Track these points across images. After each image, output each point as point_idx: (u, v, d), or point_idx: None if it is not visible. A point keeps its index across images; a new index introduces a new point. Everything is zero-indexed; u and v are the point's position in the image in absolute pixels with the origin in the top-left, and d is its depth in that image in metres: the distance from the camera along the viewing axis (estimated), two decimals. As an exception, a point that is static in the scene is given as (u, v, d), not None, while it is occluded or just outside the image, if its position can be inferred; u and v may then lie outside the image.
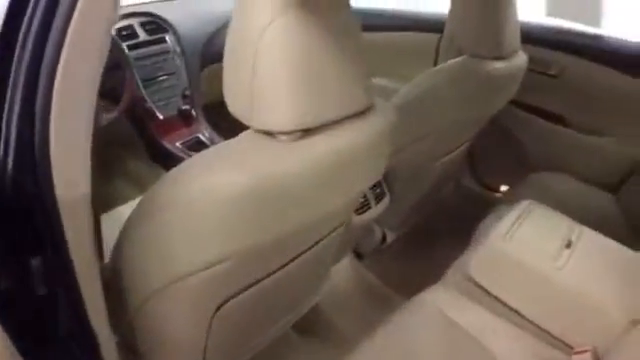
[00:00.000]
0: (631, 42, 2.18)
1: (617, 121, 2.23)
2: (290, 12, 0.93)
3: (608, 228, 1.72)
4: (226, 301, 1.17)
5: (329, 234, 1.38)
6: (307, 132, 1.02)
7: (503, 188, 2.56)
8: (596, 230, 1.64)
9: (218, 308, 1.16)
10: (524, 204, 1.69)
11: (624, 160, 2.24)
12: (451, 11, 2.38)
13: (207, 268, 1.01)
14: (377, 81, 2.47)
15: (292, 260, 1.29)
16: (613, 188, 2.26)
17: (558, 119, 2.35)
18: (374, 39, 2.61)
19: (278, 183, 0.98)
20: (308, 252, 1.32)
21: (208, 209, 0.94)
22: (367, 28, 1.31)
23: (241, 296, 1.19)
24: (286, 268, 1.28)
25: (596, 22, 2.30)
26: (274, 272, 1.25)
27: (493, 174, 2.59)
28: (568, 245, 1.53)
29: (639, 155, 2.22)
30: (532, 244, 1.52)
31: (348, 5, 1.04)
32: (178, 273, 1.01)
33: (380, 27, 2.64)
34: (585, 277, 1.43)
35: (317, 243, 1.35)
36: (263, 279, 1.23)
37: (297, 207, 1.07)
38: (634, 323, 1.29)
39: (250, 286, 1.20)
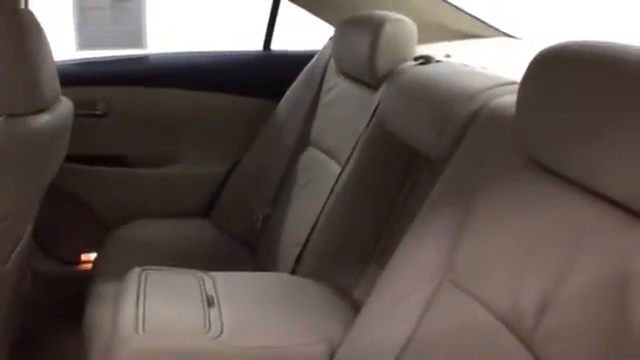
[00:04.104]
0: (179, 54, 2.19)
1: (183, 144, 2.17)
2: None
3: (218, 257, 1.71)
4: None
5: None
6: None
7: (85, 257, 2.25)
8: (206, 263, 1.52)
9: None
10: (133, 276, 1.40)
11: (205, 182, 2.17)
12: None
13: None
14: None
15: None
16: (206, 213, 2.17)
17: (120, 161, 2.16)
18: None
19: None
20: None
21: None
22: None
23: None
24: None
25: (140, 43, 2.14)
26: None
27: (68, 245, 2.25)
28: (210, 303, 1.31)
29: (218, 173, 2.17)
30: (171, 322, 1.25)
31: None
32: None
33: None
34: (248, 327, 1.26)
35: None
36: None
37: None
38: (332, 352, 1.20)
39: None
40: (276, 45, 2.26)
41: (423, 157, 1.37)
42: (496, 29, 2.07)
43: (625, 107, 0.74)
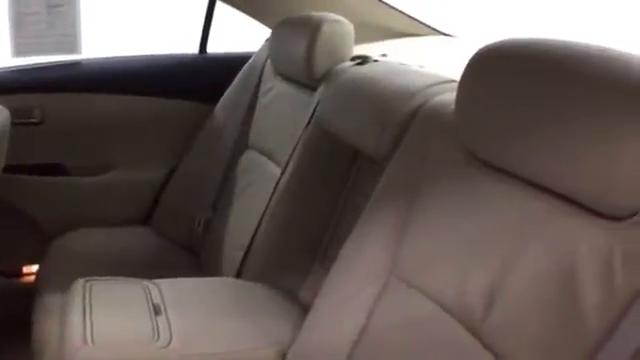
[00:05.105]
0: (114, 59, 2.16)
1: (121, 150, 2.13)
2: None
3: (161, 264, 1.70)
4: None
5: None
6: None
7: (27, 269, 2.19)
8: (150, 270, 1.52)
9: None
10: (77, 287, 1.35)
11: (144, 188, 2.14)
12: None
13: None
14: None
15: None
16: (146, 220, 2.13)
17: (58, 169, 2.11)
18: None
19: None
20: None
21: None
22: None
23: None
24: None
25: (74, 49, 2.07)
26: None
27: (8, 258, 2.16)
28: (157, 311, 1.28)
29: (156, 178, 2.15)
30: (119, 332, 1.22)
31: None
32: None
33: None
34: (198, 334, 1.24)
35: None
36: None
37: None
38: (282, 355, 1.20)
39: None
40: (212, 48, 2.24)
41: (364, 156, 1.37)
42: (431, 28, 2.10)
43: (563, 102, 0.75)
